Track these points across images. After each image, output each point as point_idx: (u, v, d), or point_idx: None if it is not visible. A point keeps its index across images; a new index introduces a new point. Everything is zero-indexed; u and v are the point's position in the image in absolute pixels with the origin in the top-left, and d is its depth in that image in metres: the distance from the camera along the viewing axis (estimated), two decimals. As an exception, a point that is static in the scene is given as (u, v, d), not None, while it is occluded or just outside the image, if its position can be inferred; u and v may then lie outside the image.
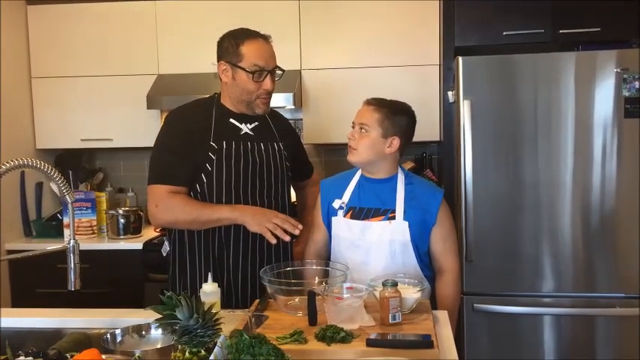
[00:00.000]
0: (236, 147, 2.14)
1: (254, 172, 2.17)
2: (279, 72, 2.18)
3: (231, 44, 2.11)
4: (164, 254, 2.33)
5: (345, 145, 2.13)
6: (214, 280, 1.89)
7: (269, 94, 2.17)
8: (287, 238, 2.00)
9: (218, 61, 2.16)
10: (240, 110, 2.19)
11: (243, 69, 2.09)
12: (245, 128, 2.19)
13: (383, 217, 2.07)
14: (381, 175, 2.13)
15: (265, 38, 2.15)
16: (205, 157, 2.11)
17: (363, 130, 2.07)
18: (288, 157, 2.30)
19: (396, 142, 2.07)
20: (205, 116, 2.16)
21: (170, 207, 2.08)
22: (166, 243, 2.37)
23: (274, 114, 2.34)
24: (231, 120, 2.18)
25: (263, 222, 2.00)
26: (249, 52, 2.10)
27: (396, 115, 2.07)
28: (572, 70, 2.78)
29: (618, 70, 2.74)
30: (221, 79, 2.17)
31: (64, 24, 3.68)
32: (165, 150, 2.13)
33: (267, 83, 2.13)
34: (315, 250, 2.26)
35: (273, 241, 1.99)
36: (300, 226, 2.03)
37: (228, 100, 2.19)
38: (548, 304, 2.86)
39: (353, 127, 2.12)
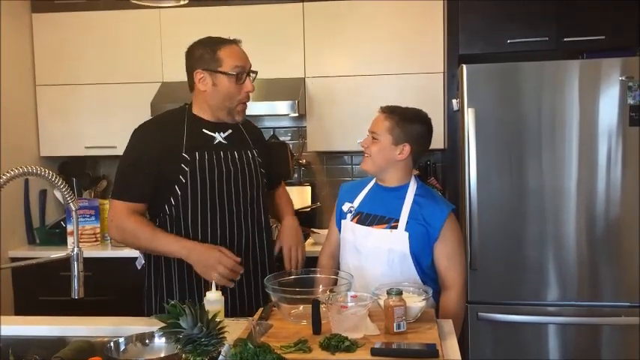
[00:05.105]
0: (209, 157, 2.10)
1: (228, 181, 2.13)
2: (252, 74, 2.15)
3: (206, 51, 2.09)
4: (138, 267, 2.26)
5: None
6: (190, 296, 1.86)
7: (248, 97, 2.15)
8: (231, 285, 2.02)
9: (191, 71, 2.12)
10: (218, 118, 2.15)
11: (225, 73, 2.07)
12: (219, 137, 2.15)
13: (386, 225, 2.07)
14: (393, 184, 2.13)
15: (237, 42, 2.14)
16: (178, 170, 2.06)
17: (374, 138, 2.08)
18: (262, 164, 2.27)
19: (407, 148, 2.06)
20: (176, 128, 2.11)
21: (123, 227, 2.07)
22: (141, 256, 2.30)
23: (246, 122, 2.31)
24: (204, 130, 2.14)
25: (208, 270, 1.97)
26: (227, 55, 2.08)
27: (407, 122, 2.07)
28: (576, 78, 2.78)
29: (623, 79, 2.74)
30: (194, 89, 2.14)
31: (68, 32, 3.69)
32: (129, 165, 2.10)
33: (247, 84, 2.11)
34: (330, 251, 2.29)
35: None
36: (242, 269, 2.02)
37: (206, 108, 2.14)
38: (553, 312, 2.85)
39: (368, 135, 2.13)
